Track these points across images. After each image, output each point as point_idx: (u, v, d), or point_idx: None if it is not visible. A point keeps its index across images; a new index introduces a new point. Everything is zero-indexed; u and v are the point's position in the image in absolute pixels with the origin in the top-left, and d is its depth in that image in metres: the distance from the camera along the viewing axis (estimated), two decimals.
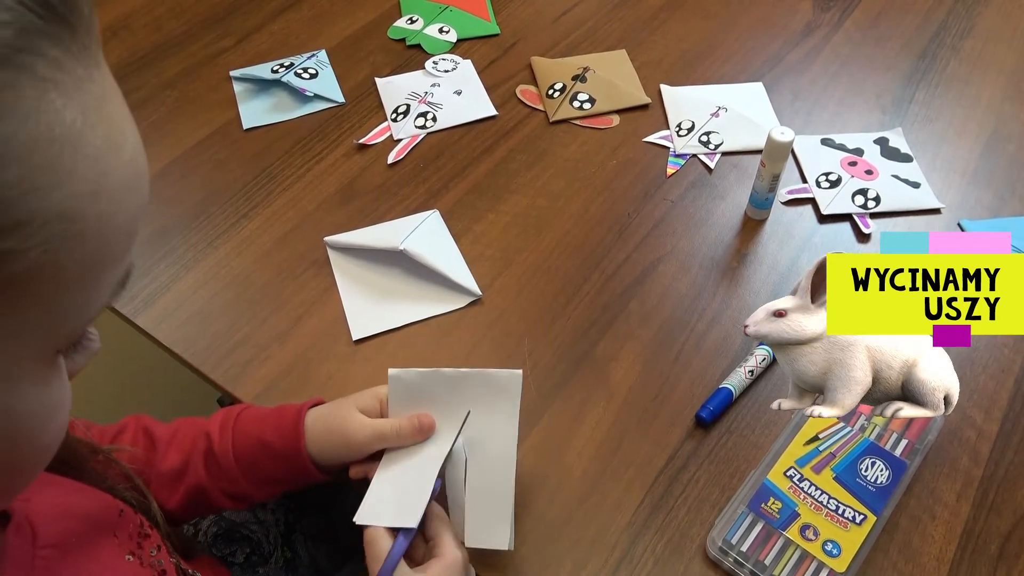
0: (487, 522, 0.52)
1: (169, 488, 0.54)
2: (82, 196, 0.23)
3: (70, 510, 0.39)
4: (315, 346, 0.68)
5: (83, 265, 0.24)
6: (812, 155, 0.83)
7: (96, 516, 0.41)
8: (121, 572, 0.40)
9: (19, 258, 0.22)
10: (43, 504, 0.37)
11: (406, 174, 0.82)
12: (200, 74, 0.92)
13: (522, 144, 0.85)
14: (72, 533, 0.38)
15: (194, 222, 0.77)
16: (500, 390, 0.54)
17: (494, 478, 0.53)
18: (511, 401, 0.53)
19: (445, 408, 0.55)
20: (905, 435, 0.60)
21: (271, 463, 0.55)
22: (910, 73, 0.93)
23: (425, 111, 0.88)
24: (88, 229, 0.23)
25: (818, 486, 0.57)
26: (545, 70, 0.93)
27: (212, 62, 0.94)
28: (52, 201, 0.22)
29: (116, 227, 0.24)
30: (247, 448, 0.55)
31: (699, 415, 0.62)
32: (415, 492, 0.51)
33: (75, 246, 0.23)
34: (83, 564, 0.37)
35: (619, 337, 0.68)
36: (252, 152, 0.84)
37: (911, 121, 0.88)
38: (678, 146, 0.85)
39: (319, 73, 0.92)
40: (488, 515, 0.52)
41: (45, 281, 0.23)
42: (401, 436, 0.54)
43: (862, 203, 0.78)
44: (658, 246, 0.76)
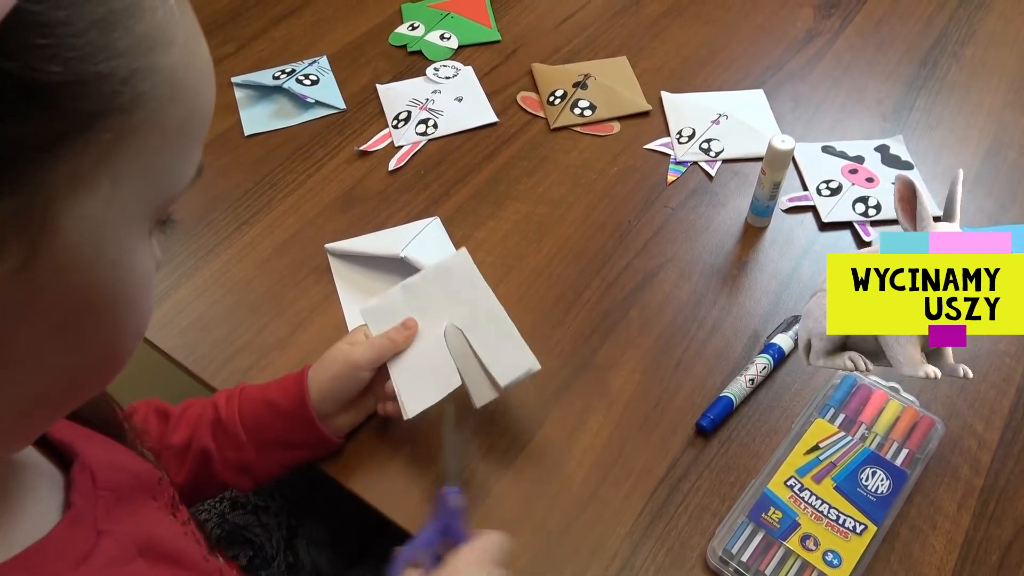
0: (507, 358, 0.57)
1: (178, 461, 0.57)
2: (181, 66, 0.27)
3: (119, 463, 0.41)
4: (315, 353, 0.67)
5: (179, 131, 0.28)
6: (813, 162, 0.84)
7: (141, 476, 0.42)
8: (168, 527, 0.42)
9: (144, 106, 0.26)
10: (96, 454, 0.39)
11: (407, 181, 0.82)
12: None
13: (523, 151, 0.85)
14: (123, 483, 0.39)
15: (195, 229, 0.78)
16: (457, 270, 0.61)
17: (493, 328, 0.59)
18: (469, 273, 0.61)
19: (422, 308, 0.61)
20: (906, 445, 0.60)
21: (277, 422, 0.57)
22: (911, 80, 0.93)
23: (426, 118, 0.88)
24: (185, 97, 0.28)
25: (819, 496, 0.57)
26: (546, 77, 0.93)
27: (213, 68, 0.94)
28: (165, 62, 0.26)
29: (202, 104, 0.29)
30: (253, 410, 0.58)
31: (700, 423, 0.62)
32: (440, 362, 0.58)
33: (175, 110, 0.27)
34: (134, 513, 0.39)
35: (619, 344, 0.68)
36: (253, 158, 0.84)
37: (912, 128, 0.88)
38: (679, 153, 0.85)
39: (320, 80, 0.92)
40: (504, 353, 0.58)
41: (157, 135, 0.27)
42: (395, 341, 0.59)
43: (863, 211, 0.78)
44: (659, 253, 0.76)
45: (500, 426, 0.63)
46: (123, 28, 0.25)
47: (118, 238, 0.27)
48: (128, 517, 0.38)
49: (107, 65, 0.25)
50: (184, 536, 0.43)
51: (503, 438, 0.62)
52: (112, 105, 0.25)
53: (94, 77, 0.24)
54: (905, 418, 0.62)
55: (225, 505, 0.69)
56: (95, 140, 0.25)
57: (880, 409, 0.62)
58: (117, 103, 0.25)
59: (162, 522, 0.42)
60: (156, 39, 0.26)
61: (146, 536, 0.38)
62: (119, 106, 0.25)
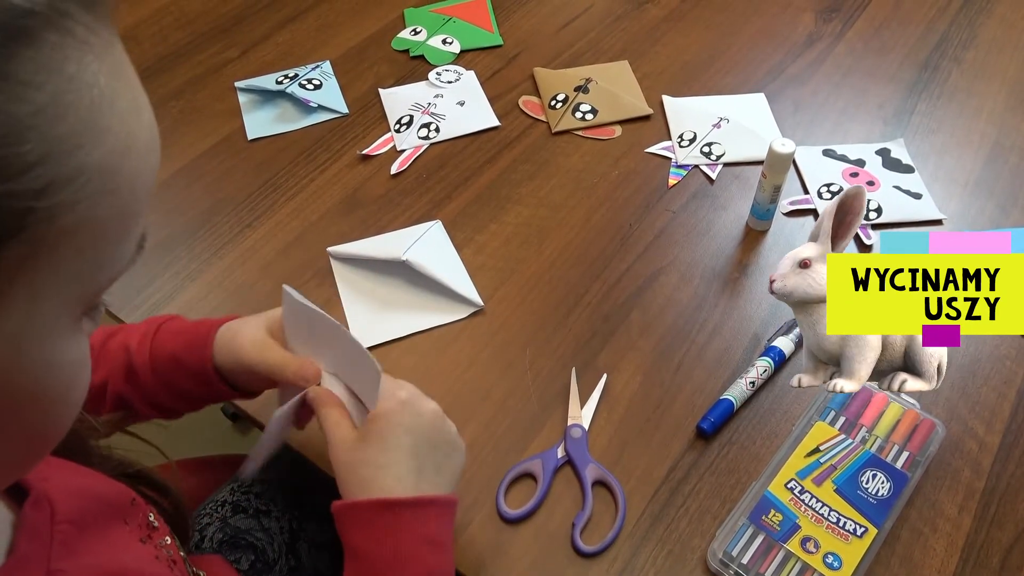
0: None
1: (97, 401, 0.55)
2: (117, 153, 0.25)
3: (86, 490, 0.40)
4: None
5: (117, 219, 0.26)
6: (814, 166, 0.84)
7: (110, 499, 0.41)
8: (136, 554, 0.40)
9: (69, 211, 0.24)
10: (60, 483, 0.38)
11: (409, 184, 0.83)
12: (205, 85, 0.93)
13: (524, 155, 0.86)
14: (88, 511, 0.38)
15: (198, 232, 0.78)
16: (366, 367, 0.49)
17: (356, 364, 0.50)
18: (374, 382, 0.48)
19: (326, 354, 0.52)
20: (906, 447, 0.60)
21: (184, 379, 0.54)
22: (912, 84, 0.93)
23: (428, 122, 0.88)
24: (122, 185, 0.25)
25: (819, 498, 0.57)
26: (547, 81, 0.93)
27: (217, 73, 0.95)
28: (94, 157, 0.24)
29: (142, 184, 0.27)
30: (162, 363, 0.54)
31: (700, 426, 0.62)
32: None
33: (112, 200, 0.25)
34: (99, 543, 0.38)
35: (620, 348, 0.69)
36: (256, 162, 0.85)
37: (913, 132, 0.88)
38: (680, 157, 0.85)
39: (323, 84, 0.92)
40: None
41: (87, 233, 0.25)
42: (284, 374, 0.51)
43: (864, 214, 0.79)
44: (659, 257, 0.76)
45: (500, 429, 0.63)
46: (37, 135, 0.22)
47: (40, 342, 0.26)
48: (93, 548, 0.37)
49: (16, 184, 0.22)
50: (155, 561, 0.41)
51: (504, 440, 0.63)
52: (24, 223, 0.22)
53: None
54: (906, 421, 0.62)
55: (227, 509, 0.69)
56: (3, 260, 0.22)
57: (881, 412, 0.62)
58: (31, 219, 0.22)
59: (131, 548, 0.40)
60: (82, 134, 0.23)
61: (113, 566, 0.37)
62: (34, 221, 0.23)
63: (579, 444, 0.62)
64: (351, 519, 0.47)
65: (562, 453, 0.61)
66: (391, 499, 0.46)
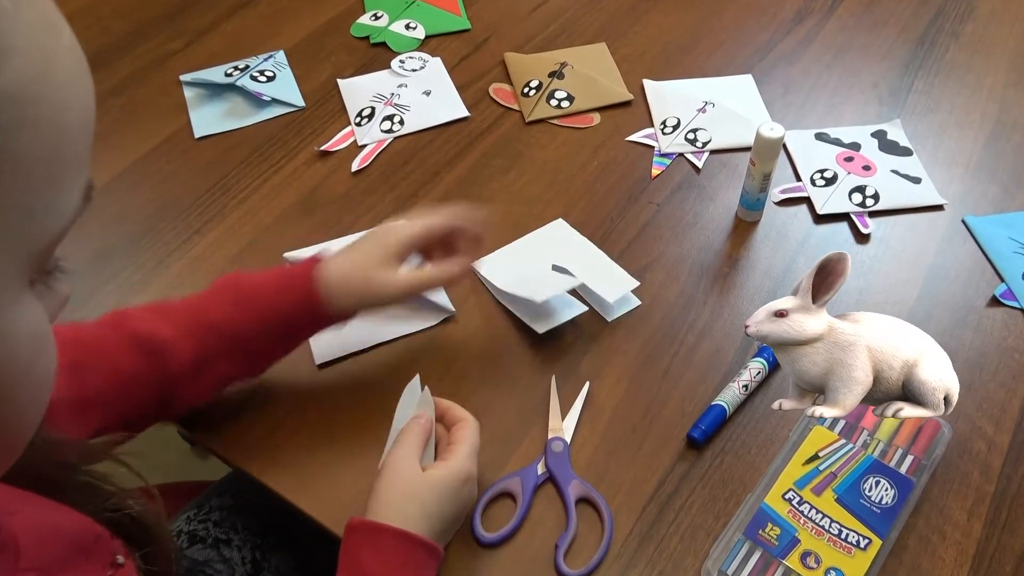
0: (611, 282, 0.71)
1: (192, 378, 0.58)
2: (30, 78, 0.24)
3: (56, 530, 0.39)
4: (275, 373, 0.66)
5: (44, 160, 0.25)
6: (805, 151, 0.83)
7: (77, 538, 0.41)
8: None
9: None
10: (29, 521, 0.37)
11: (372, 182, 0.82)
12: (148, 79, 0.91)
13: (496, 147, 0.85)
14: (56, 556, 0.38)
15: (142, 240, 0.76)
16: (558, 233, 0.76)
17: (595, 263, 0.73)
18: (569, 235, 0.76)
19: (524, 262, 0.74)
20: (911, 451, 0.60)
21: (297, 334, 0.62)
22: (908, 61, 0.94)
23: (391, 114, 0.87)
24: (42, 117, 0.24)
25: (819, 509, 0.57)
26: (520, 67, 0.92)
27: (161, 66, 0.93)
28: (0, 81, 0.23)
29: (73, 120, 0.26)
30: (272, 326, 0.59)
31: (691, 435, 0.62)
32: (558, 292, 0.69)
33: (33, 136, 0.24)
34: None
35: (603, 352, 0.68)
36: (205, 162, 0.83)
37: (910, 112, 0.88)
38: (663, 145, 0.85)
39: (276, 76, 0.91)
40: (609, 279, 0.71)
41: (8, 173, 0.24)
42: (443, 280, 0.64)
43: (860, 201, 0.78)
44: (644, 252, 0.75)
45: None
46: None
47: None
48: None
49: None
50: None
51: (480, 457, 0.61)
52: None
53: None
54: (909, 422, 0.62)
55: (183, 540, 0.68)
56: None
57: None
58: None
59: None
60: None
61: None
62: None
63: (561, 459, 0.61)
64: (375, 541, 0.52)
65: (543, 469, 0.61)
66: (422, 539, 0.52)
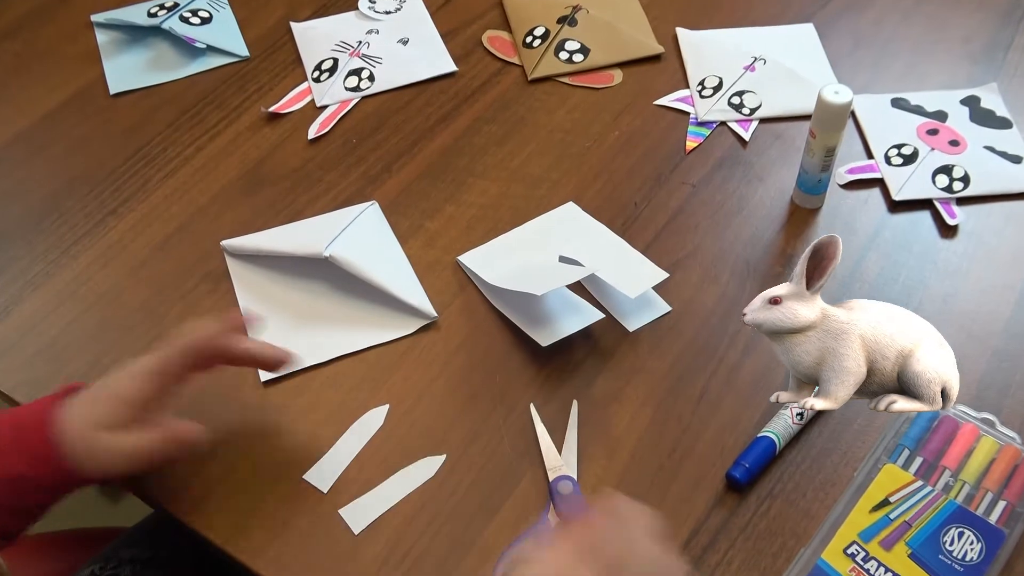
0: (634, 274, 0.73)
1: None
2: None
3: None
4: (211, 390, 0.68)
5: None
6: (879, 121, 0.85)
7: None
8: None
9: None
10: None
11: (333, 153, 0.83)
12: (51, 19, 0.93)
13: (491, 111, 0.86)
14: None
15: (43, 223, 0.78)
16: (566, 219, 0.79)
17: (611, 253, 0.75)
18: (579, 219, 0.79)
19: (526, 254, 0.75)
20: (1003, 495, 0.62)
21: (33, 496, 0.58)
22: (1008, 10, 0.95)
23: (359, 67, 0.89)
24: None
25: (888, 567, 0.58)
26: (521, 10, 0.94)
27: (66, 3, 0.94)
28: None
29: None
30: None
31: (731, 474, 0.63)
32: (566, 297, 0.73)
33: None
34: None
35: (623, 371, 0.70)
36: (122, 126, 0.85)
37: (1009, 74, 0.90)
38: (701, 111, 0.86)
39: (213, 17, 0.92)
40: (630, 270, 0.73)
41: None
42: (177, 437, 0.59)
43: (946, 184, 0.80)
44: (675, 246, 0.77)
45: (462, 488, 0.64)
46: None
47: None
48: None
49: None
50: None
51: (467, 502, 0.63)
52: None
53: None
54: (1002, 460, 0.63)
55: None
56: None
57: (969, 449, 0.64)
58: None
59: None
60: None
61: None
62: None
63: (573, 504, 0.62)
64: None
65: (554, 519, 0.61)
66: None
